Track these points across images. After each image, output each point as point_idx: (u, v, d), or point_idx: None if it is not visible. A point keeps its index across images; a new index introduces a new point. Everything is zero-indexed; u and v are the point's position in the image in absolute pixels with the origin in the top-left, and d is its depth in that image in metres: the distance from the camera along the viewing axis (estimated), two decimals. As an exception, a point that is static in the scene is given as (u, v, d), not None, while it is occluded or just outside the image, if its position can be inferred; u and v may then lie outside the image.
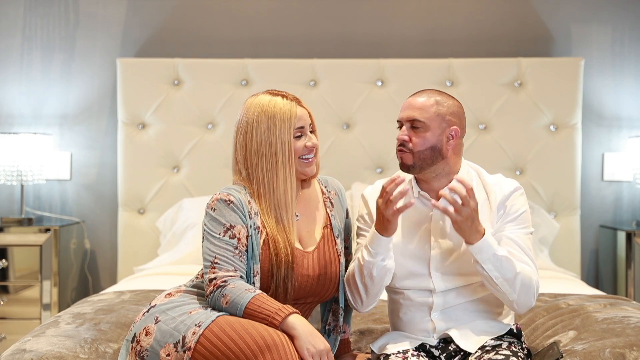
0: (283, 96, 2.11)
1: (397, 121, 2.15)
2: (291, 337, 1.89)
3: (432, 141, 2.09)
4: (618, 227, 3.90)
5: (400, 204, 1.98)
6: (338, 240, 2.17)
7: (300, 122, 2.10)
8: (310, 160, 2.13)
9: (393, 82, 3.97)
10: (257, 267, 2.04)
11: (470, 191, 1.98)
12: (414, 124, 2.10)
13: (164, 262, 3.58)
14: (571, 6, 4.10)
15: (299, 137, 2.10)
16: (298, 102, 2.13)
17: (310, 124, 2.14)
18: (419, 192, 2.15)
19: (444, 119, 2.11)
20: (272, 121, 2.08)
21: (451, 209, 1.97)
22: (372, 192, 2.22)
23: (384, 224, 2.02)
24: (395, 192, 1.98)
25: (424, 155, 2.10)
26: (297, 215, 2.15)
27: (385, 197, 2.00)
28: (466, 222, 1.97)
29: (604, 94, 4.08)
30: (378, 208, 2.03)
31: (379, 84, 3.99)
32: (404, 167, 2.12)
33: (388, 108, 3.93)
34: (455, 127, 2.12)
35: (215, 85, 3.99)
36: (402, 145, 2.11)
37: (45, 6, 4.12)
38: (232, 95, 3.97)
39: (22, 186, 3.96)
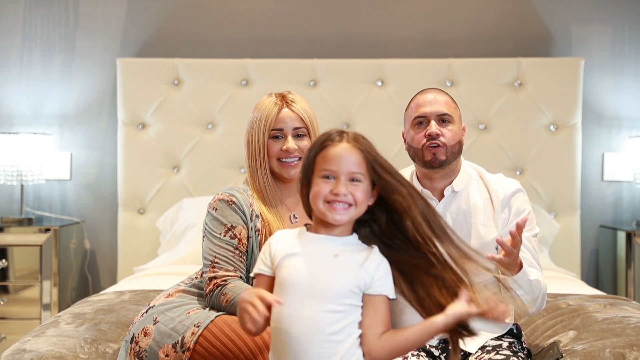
0: (275, 96, 2.14)
1: (419, 117, 2.09)
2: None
3: (459, 135, 2.10)
4: (618, 227, 3.90)
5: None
6: None
7: (279, 124, 2.10)
8: (287, 163, 2.11)
9: (393, 82, 3.97)
10: (256, 269, 2.04)
11: (520, 229, 1.88)
12: (443, 118, 2.08)
13: (164, 262, 3.57)
14: (571, 6, 4.09)
15: (276, 138, 2.11)
16: (287, 104, 2.12)
17: (299, 128, 2.12)
18: (421, 190, 2.14)
19: (460, 116, 2.14)
20: (255, 120, 2.12)
21: (500, 254, 1.90)
22: None
23: None
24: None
25: (455, 150, 2.09)
26: (296, 217, 2.15)
27: None
28: (513, 262, 1.92)
29: (604, 94, 4.08)
30: None
31: (379, 84, 3.99)
32: (436, 163, 2.07)
33: (388, 108, 3.93)
34: (464, 124, 2.14)
35: (215, 85, 3.99)
36: (433, 140, 2.06)
37: (45, 6, 4.11)
38: (232, 95, 3.96)
39: (22, 186, 3.96)
